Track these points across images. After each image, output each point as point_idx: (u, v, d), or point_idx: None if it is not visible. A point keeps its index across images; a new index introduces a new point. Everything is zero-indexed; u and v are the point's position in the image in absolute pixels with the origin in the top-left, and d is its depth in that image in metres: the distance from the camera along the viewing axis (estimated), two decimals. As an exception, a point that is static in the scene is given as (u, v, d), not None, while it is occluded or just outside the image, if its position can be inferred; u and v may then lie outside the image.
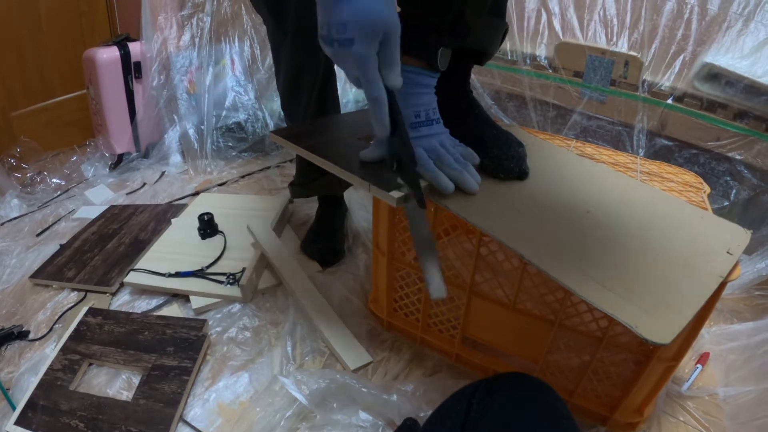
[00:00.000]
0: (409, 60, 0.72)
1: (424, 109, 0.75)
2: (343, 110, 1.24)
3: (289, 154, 1.80)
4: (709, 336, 1.00)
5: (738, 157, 1.22)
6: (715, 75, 1.22)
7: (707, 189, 0.89)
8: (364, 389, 0.82)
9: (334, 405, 0.81)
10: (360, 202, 1.38)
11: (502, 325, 0.85)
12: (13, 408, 0.85)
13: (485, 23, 0.80)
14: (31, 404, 0.85)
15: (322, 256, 1.21)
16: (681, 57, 1.28)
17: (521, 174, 0.79)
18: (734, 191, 1.24)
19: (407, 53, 0.70)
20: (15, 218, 1.47)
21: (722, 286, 0.62)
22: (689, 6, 1.25)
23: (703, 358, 0.95)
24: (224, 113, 1.75)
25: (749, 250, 1.13)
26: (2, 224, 1.45)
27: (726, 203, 1.25)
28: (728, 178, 1.26)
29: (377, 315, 1.03)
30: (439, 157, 0.72)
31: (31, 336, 1.03)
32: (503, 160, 0.78)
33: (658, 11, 1.30)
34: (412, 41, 0.69)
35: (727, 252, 0.66)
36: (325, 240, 1.24)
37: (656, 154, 1.32)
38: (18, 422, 0.82)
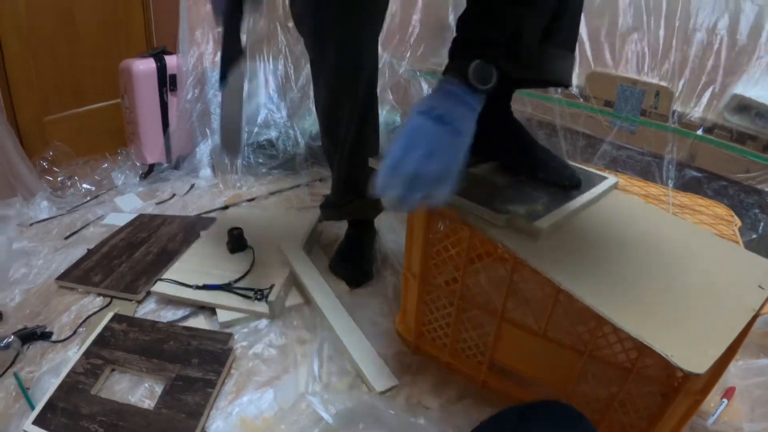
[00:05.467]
0: (448, 73, 0.71)
1: (449, 113, 0.67)
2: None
3: (318, 173, 1.80)
4: (735, 370, 0.99)
5: (767, 189, 1.21)
6: (745, 106, 1.22)
7: (738, 222, 0.88)
8: (391, 411, 0.81)
9: (360, 426, 0.81)
10: (390, 225, 1.38)
11: (531, 353, 0.84)
12: (32, 407, 0.86)
13: (548, 53, 0.78)
14: (50, 405, 0.85)
15: (350, 276, 1.21)
16: (711, 88, 1.28)
17: (578, 182, 0.83)
18: (762, 224, 1.23)
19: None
20: (44, 220, 1.50)
21: (754, 319, 0.62)
22: (719, 37, 1.25)
23: (728, 393, 0.93)
24: (256, 130, 1.77)
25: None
26: (31, 225, 1.47)
27: (754, 236, 1.23)
28: (757, 211, 1.24)
29: (404, 337, 1.03)
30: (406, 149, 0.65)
31: (54, 337, 1.04)
32: (562, 169, 0.83)
33: (688, 42, 1.30)
34: (455, 56, 0.71)
35: (759, 286, 0.66)
36: (353, 261, 1.23)
37: (685, 185, 1.31)
38: (36, 422, 0.82)
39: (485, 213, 0.72)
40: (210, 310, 1.12)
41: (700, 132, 1.28)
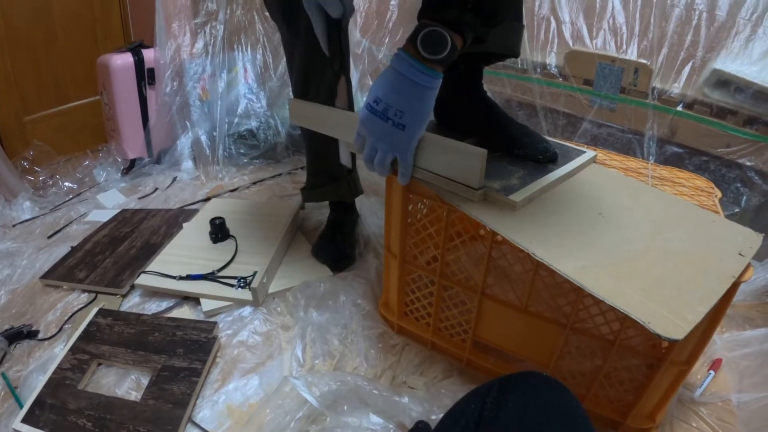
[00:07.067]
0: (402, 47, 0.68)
1: (393, 106, 0.68)
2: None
3: (300, 161, 1.81)
4: (721, 342, 1.00)
5: (748, 163, 1.21)
6: (724, 81, 1.22)
7: (719, 193, 0.89)
8: (375, 391, 0.82)
9: (345, 407, 0.81)
10: (371, 209, 1.38)
11: (514, 329, 0.84)
12: (21, 406, 0.86)
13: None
14: (38, 402, 0.85)
15: (333, 260, 1.21)
16: (690, 63, 1.28)
17: (554, 155, 0.84)
18: (745, 198, 1.24)
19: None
20: (27, 220, 1.49)
21: (735, 286, 0.62)
22: (698, 12, 1.25)
23: (715, 365, 0.94)
24: (236, 120, 1.76)
25: (760, 256, 1.12)
26: (14, 226, 1.46)
27: (737, 210, 1.24)
28: (739, 185, 1.25)
29: (388, 319, 1.03)
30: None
31: (40, 335, 1.04)
32: (537, 143, 0.84)
33: (666, 18, 1.29)
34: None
35: (739, 254, 0.66)
36: (336, 245, 1.23)
37: (667, 161, 1.31)
38: (25, 420, 0.82)
39: (460, 188, 0.72)
40: (194, 300, 1.12)
41: (680, 108, 1.29)
